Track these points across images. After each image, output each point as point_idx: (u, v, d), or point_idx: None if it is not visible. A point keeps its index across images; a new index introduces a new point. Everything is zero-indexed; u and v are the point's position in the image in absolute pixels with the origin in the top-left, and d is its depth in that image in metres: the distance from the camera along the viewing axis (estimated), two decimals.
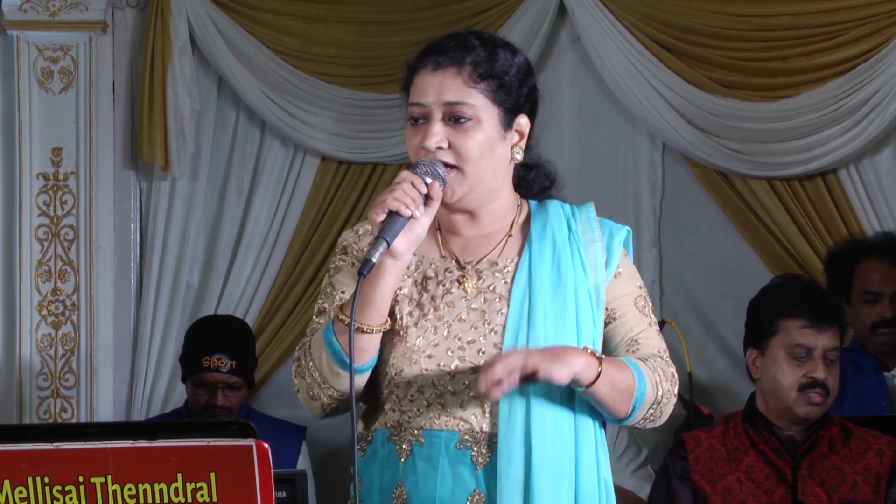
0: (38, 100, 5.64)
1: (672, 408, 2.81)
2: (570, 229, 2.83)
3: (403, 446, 2.74)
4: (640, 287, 2.85)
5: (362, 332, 2.68)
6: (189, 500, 2.52)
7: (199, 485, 2.52)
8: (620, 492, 4.36)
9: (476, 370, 2.70)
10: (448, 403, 2.72)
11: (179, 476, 2.52)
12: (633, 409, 2.73)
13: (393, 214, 2.64)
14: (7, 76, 5.69)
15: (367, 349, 2.71)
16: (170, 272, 5.72)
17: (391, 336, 2.74)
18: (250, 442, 2.50)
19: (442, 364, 2.72)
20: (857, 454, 3.99)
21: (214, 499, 2.52)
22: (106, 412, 5.65)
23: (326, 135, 5.66)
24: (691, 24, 5.44)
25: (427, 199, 2.67)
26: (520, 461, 2.69)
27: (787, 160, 5.43)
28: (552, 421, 2.71)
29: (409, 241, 2.66)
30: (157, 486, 2.52)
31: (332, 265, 2.87)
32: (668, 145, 5.59)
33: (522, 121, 2.80)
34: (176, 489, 2.52)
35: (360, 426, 2.83)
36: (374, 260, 2.62)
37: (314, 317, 2.84)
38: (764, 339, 4.04)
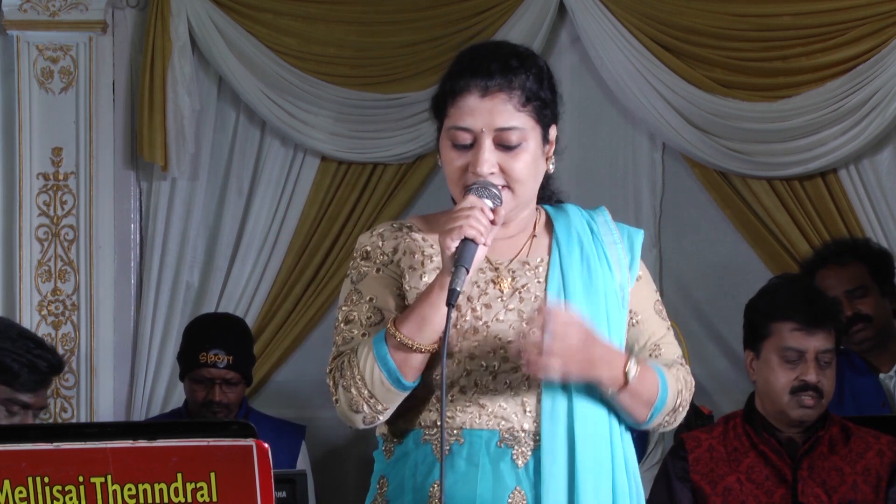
0: (38, 100, 5.64)
1: (685, 415, 2.88)
2: (592, 231, 2.88)
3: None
4: (656, 291, 2.94)
5: (420, 351, 2.70)
6: (189, 500, 2.52)
7: (199, 485, 2.52)
8: None
9: (517, 370, 2.73)
10: (488, 403, 2.74)
11: (179, 476, 2.52)
12: (651, 416, 2.80)
13: (466, 241, 2.66)
14: (7, 76, 5.69)
15: (419, 367, 2.72)
16: (170, 272, 5.73)
17: None
18: (250, 442, 2.50)
19: (484, 364, 2.75)
20: (858, 454, 3.99)
21: (214, 499, 2.52)
22: (106, 412, 5.65)
23: (326, 135, 5.66)
24: (691, 24, 5.44)
25: (491, 223, 2.70)
26: (563, 459, 2.73)
27: (787, 160, 5.43)
28: (593, 419, 2.76)
29: (476, 265, 2.69)
30: (157, 486, 2.53)
31: (354, 271, 2.85)
32: (668, 145, 5.59)
33: (553, 131, 2.85)
34: (176, 489, 2.53)
35: (385, 428, 2.85)
36: (459, 289, 2.64)
37: (342, 325, 2.82)
38: (758, 342, 4.05)
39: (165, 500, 2.53)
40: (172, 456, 2.51)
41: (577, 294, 2.79)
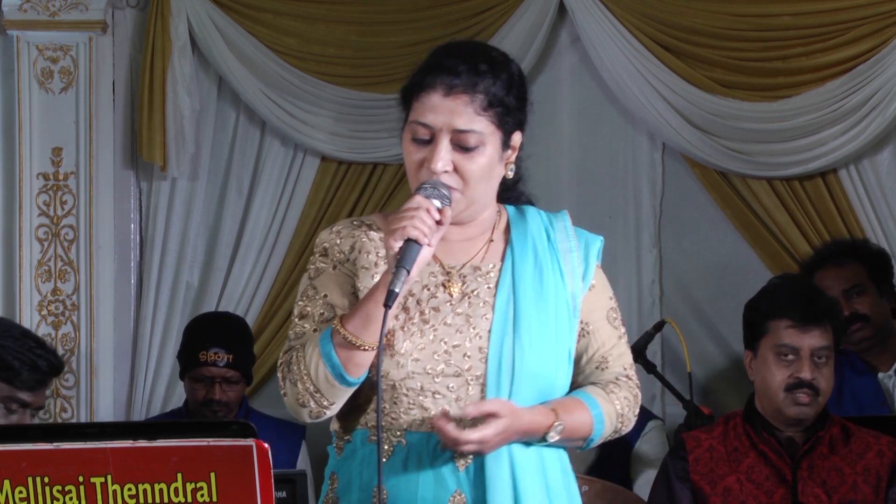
0: (38, 100, 5.64)
1: (633, 424, 2.94)
2: (548, 238, 2.90)
3: (385, 447, 2.78)
4: (611, 298, 2.94)
5: (363, 349, 2.72)
6: (189, 500, 2.52)
7: (199, 485, 2.53)
8: (620, 492, 4.37)
9: (460, 374, 2.77)
10: (431, 406, 2.77)
11: (179, 476, 2.52)
12: (587, 445, 2.88)
13: (409, 242, 2.68)
14: (7, 76, 5.69)
15: (364, 364, 2.75)
16: (170, 272, 5.73)
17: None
18: (250, 442, 2.50)
19: (428, 367, 2.77)
20: (858, 454, 3.99)
21: (214, 499, 2.52)
22: (106, 412, 5.65)
23: (326, 135, 5.66)
24: (691, 24, 5.44)
25: (437, 223, 2.73)
26: (506, 461, 2.77)
27: (787, 160, 5.43)
28: None
29: (420, 266, 2.71)
30: (157, 486, 2.53)
31: (312, 266, 2.89)
32: (668, 145, 5.59)
33: (517, 137, 2.87)
34: (176, 489, 2.53)
35: (336, 425, 2.89)
36: (398, 291, 2.66)
37: (296, 319, 2.87)
38: (756, 341, 4.07)
39: (165, 500, 2.53)
40: (172, 456, 2.51)
41: (527, 303, 2.81)
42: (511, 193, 2.95)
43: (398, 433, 2.77)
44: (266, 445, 2.51)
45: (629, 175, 5.63)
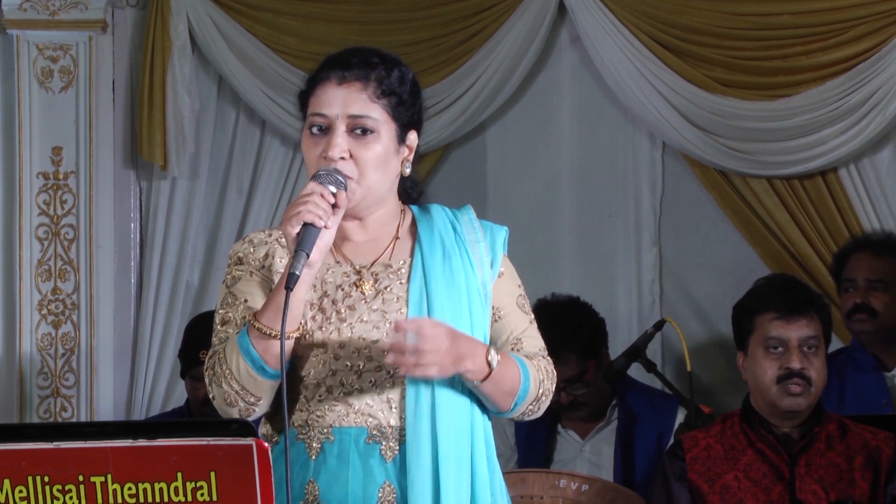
0: (38, 99, 5.64)
1: (548, 404, 2.98)
2: (455, 230, 2.97)
3: (313, 444, 2.85)
4: (519, 286, 3.02)
5: (279, 338, 2.77)
6: (189, 499, 2.53)
7: (199, 484, 2.53)
8: (621, 492, 4.37)
9: (381, 368, 2.84)
10: (356, 401, 2.84)
11: (179, 475, 2.53)
12: (514, 405, 2.91)
13: (307, 226, 2.75)
14: (7, 76, 5.69)
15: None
16: (170, 272, 5.73)
17: (297, 340, 2.85)
18: (250, 441, 2.51)
19: (349, 364, 2.84)
20: (855, 451, 4.00)
21: (214, 498, 2.52)
22: (106, 411, 5.65)
23: None
24: (691, 23, 5.43)
25: (334, 207, 2.79)
26: (428, 453, 2.83)
27: (787, 159, 5.43)
28: (455, 414, 2.86)
29: (321, 249, 2.78)
30: (157, 486, 2.53)
31: (229, 276, 2.95)
32: (668, 145, 5.59)
33: (413, 136, 2.95)
34: (176, 488, 2.53)
35: (265, 427, 2.94)
36: (298, 273, 2.73)
37: (218, 326, 2.92)
38: (745, 339, 4.08)
39: (165, 499, 2.53)
40: (172, 455, 2.51)
41: (440, 293, 2.88)
42: (411, 193, 3.03)
43: (325, 430, 2.85)
44: (266, 445, 2.52)
45: (629, 175, 5.63)
